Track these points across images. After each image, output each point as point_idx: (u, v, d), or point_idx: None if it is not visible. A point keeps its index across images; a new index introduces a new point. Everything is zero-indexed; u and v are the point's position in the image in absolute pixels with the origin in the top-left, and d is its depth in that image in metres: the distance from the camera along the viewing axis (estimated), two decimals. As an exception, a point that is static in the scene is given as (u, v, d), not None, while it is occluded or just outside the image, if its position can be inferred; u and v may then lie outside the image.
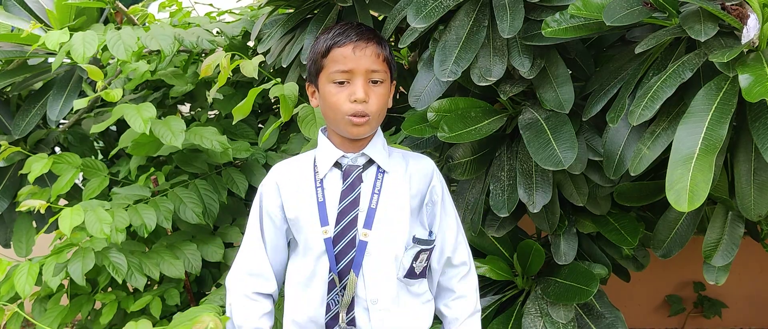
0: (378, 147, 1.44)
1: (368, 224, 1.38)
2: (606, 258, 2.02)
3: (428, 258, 1.47)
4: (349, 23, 1.41)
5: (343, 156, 1.41)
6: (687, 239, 1.79)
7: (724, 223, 1.75)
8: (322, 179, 1.41)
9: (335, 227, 1.38)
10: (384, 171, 1.43)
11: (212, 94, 1.93)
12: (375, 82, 1.36)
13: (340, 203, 1.39)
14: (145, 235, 1.97)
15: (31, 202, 1.84)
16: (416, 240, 1.43)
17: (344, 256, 1.37)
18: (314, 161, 1.44)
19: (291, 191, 1.43)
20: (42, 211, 1.86)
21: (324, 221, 1.38)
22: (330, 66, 1.36)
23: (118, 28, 2.11)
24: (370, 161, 1.43)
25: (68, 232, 1.78)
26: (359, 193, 1.39)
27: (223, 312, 1.63)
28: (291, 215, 1.43)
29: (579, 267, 1.88)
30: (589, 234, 2.02)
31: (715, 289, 3.28)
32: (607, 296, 1.97)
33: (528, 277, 2.03)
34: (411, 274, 1.43)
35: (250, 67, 1.83)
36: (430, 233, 1.46)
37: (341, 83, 1.35)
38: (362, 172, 1.42)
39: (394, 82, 1.47)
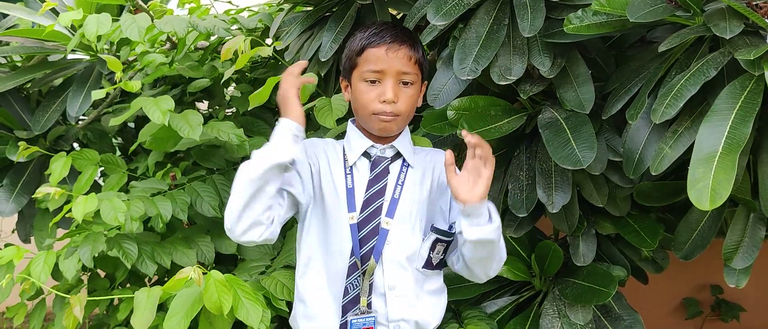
0: (405, 142, 1.49)
1: (390, 214, 1.43)
2: (625, 260, 2.00)
3: (445, 251, 1.49)
4: (386, 24, 1.47)
5: (371, 146, 1.46)
6: (708, 241, 1.77)
7: (745, 225, 1.73)
8: (351, 167, 1.45)
9: (360, 213, 1.42)
10: (409, 165, 1.47)
11: (226, 76, 1.96)
12: (405, 83, 1.42)
13: (366, 191, 1.43)
14: (161, 226, 1.96)
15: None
16: (434, 229, 1.46)
17: (367, 242, 1.41)
18: (343, 149, 1.48)
19: (324, 168, 1.46)
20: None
21: (351, 208, 1.42)
22: (363, 65, 1.42)
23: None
24: (397, 155, 1.47)
25: (80, 218, 1.78)
26: (386, 183, 1.44)
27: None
28: (319, 186, 1.44)
29: (598, 268, 1.87)
30: (608, 236, 2.00)
31: (733, 292, 3.23)
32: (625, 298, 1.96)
33: (545, 278, 2.01)
34: (428, 264, 1.47)
35: (265, 52, 1.85)
36: (451, 226, 1.48)
37: (373, 82, 1.41)
38: (389, 164, 1.46)
39: (426, 82, 1.53)
